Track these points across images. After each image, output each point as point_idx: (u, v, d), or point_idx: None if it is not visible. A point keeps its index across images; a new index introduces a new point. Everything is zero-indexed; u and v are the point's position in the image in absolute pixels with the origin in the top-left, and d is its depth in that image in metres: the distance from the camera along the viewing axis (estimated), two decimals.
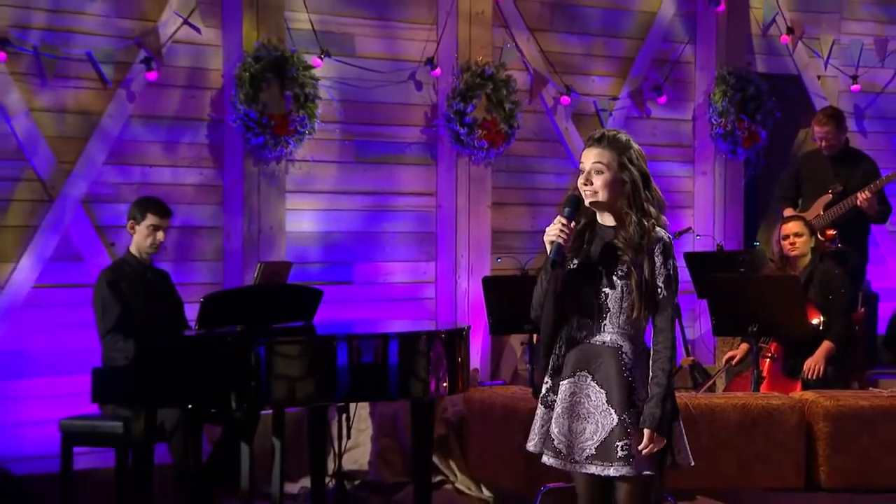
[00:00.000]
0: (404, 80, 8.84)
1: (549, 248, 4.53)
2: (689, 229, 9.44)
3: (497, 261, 9.00)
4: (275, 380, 6.00)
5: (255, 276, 7.72)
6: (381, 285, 8.82)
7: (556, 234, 4.50)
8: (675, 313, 5.08)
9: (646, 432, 4.51)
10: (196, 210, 8.14)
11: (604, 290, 4.57)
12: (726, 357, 8.14)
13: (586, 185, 4.58)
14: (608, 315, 4.58)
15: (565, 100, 9.36)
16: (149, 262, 7.10)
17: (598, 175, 4.56)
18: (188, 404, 6.26)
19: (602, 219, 4.65)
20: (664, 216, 4.65)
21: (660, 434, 4.52)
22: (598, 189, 4.56)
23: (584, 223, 4.64)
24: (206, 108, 8.22)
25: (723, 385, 8.23)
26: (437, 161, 8.98)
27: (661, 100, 9.75)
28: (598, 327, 4.60)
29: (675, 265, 4.59)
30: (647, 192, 4.58)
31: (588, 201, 4.60)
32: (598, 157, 4.57)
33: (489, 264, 9.02)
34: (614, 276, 4.56)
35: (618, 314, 4.57)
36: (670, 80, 9.79)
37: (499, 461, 7.24)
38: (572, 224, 4.54)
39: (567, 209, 4.55)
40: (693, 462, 4.70)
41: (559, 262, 4.51)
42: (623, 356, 4.57)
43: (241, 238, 8.20)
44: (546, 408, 4.69)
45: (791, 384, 7.73)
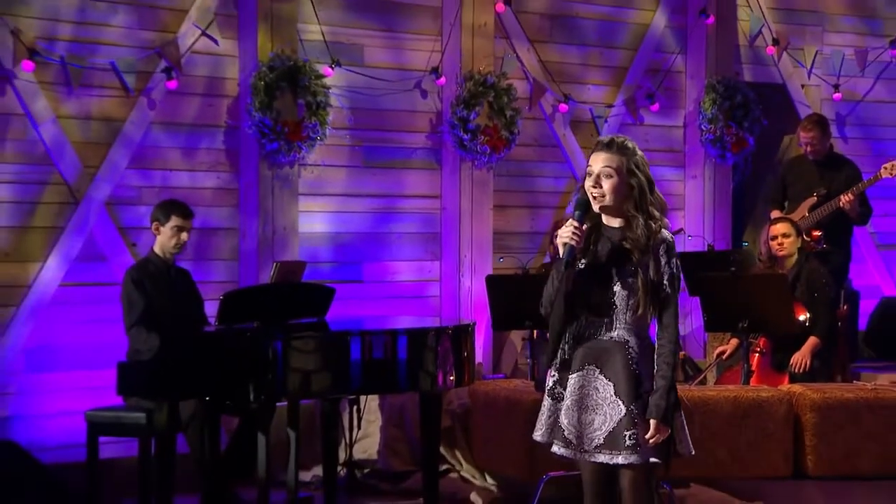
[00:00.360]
0: (410, 88, 8.84)
1: (561, 250, 4.54)
2: (681, 230, 9.45)
3: (499, 260, 9.00)
4: (291, 373, 6.01)
5: (272, 274, 7.72)
6: (388, 283, 8.82)
7: (568, 236, 4.51)
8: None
9: (652, 423, 4.53)
10: (213, 212, 8.14)
11: (612, 288, 4.58)
12: (717, 352, 8.15)
13: (595, 187, 4.59)
14: (616, 312, 4.59)
15: (563, 107, 9.36)
16: (172, 261, 7.10)
17: (608, 179, 4.57)
18: (209, 396, 6.28)
19: (607, 220, 4.65)
20: (665, 218, 4.66)
21: (665, 424, 4.55)
22: (606, 192, 4.58)
23: (589, 225, 4.65)
24: (223, 116, 8.22)
25: (714, 378, 8.23)
26: (441, 165, 8.98)
27: (654, 107, 9.76)
28: (606, 324, 4.61)
29: (678, 264, 4.61)
30: (652, 196, 4.60)
31: (597, 206, 4.60)
32: (608, 161, 4.58)
33: (491, 263, 9.02)
34: (622, 276, 4.57)
35: (625, 311, 4.59)
36: (662, 89, 9.80)
37: (502, 451, 7.23)
38: (584, 227, 4.55)
39: (577, 212, 4.56)
40: (693, 451, 4.72)
41: (572, 262, 4.52)
42: (629, 350, 4.59)
43: (256, 238, 8.19)
44: (553, 400, 4.69)
45: (779, 377, 7.75)
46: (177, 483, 6.49)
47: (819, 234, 8.67)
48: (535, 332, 7.84)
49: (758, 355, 7.76)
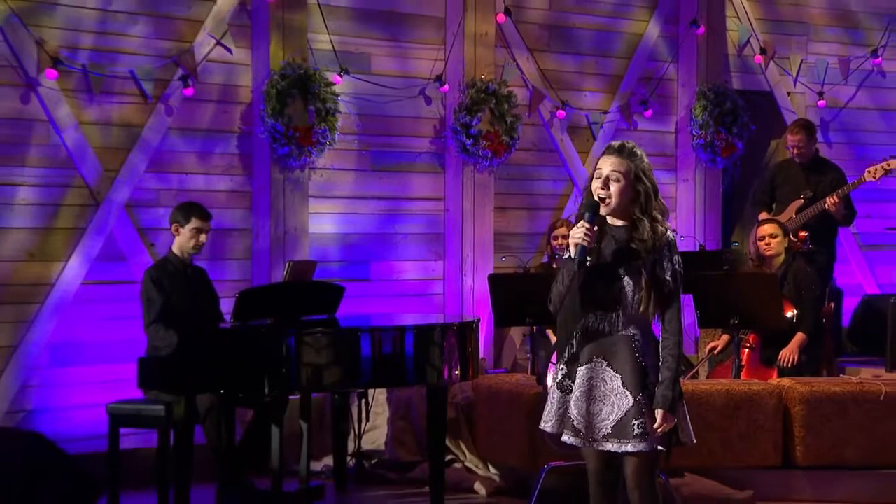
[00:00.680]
0: (415, 95, 8.85)
1: (573, 250, 4.53)
2: (674, 231, 9.43)
3: (501, 259, 9.01)
4: (304, 368, 6.02)
5: (285, 273, 7.73)
6: (394, 282, 8.83)
7: (581, 236, 4.51)
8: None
9: (659, 412, 4.54)
10: (227, 214, 8.14)
11: (619, 285, 4.59)
12: (709, 347, 8.15)
13: (603, 189, 4.60)
14: (623, 308, 4.60)
15: (561, 113, 9.37)
16: (189, 260, 7.10)
17: (616, 183, 4.58)
18: (225, 390, 6.28)
19: (612, 220, 4.66)
20: (667, 221, 4.69)
21: (671, 414, 4.56)
22: (613, 195, 4.59)
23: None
24: (236, 121, 8.23)
25: (706, 373, 8.23)
26: (445, 169, 8.99)
27: (647, 113, 9.77)
28: (613, 319, 4.61)
29: (680, 262, 4.64)
30: (656, 201, 4.64)
31: (604, 210, 4.60)
32: (618, 166, 4.59)
33: (492, 262, 9.02)
34: (629, 274, 4.58)
35: (631, 307, 4.60)
36: (655, 96, 9.82)
37: (505, 442, 7.24)
38: (595, 228, 4.56)
39: (588, 214, 4.56)
40: (695, 439, 4.73)
41: (584, 262, 4.53)
42: (635, 344, 4.60)
43: (268, 239, 8.20)
44: (562, 392, 4.69)
45: (768, 372, 7.75)
46: (194, 472, 6.48)
47: (805, 234, 8.66)
48: (535, 328, 7.84)
49: (748, 350, 7.77)
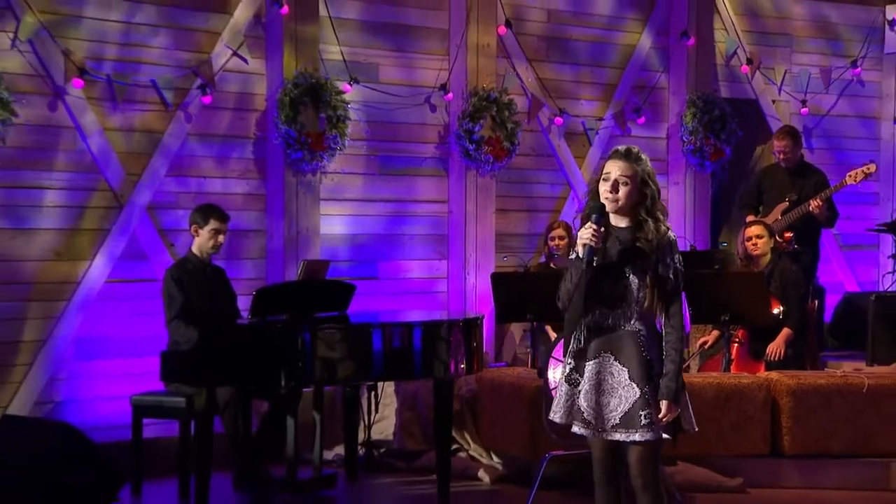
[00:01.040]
0: (421, 103, 8.86)
1: (581, 250, 4.55)
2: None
3: (503, 259, 9.02)
4: (318, 362, 6.00)
5: (299, 272, 7.74)
6: (401, 280, 8.83)
7: (588, 237, 4.53)
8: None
9: (664, 403, 4.57)
10: (243, 215, 8.14)
11: (625, 283, 4.61)
12: (700, 342, 8.17)
13: (611, 192, 4.62)
14: (628, 304, 4.62)
15: (558, 120, 9.38)
16: (208, 260, 7.12)
17: (624, 186, 4.61)
18: (243, 383, 6.28)
19: (615, 221, 4.68)
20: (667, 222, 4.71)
21: (675, 404, 4.59)
22: (620, 198, 4.61)
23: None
24: (252, 128, 8.23)
25: (697, 366, 8.24)
26: (448, 173, 8.99)
27: (640, 120, 9.77)
28: (619, 315, 4.63)
29: (681, 260, 4.66)
30: (659, 203, 4.66)
31: (611, 209, 4.63)
32: (626, 170, 4.61)
33: (494, 262, 9.03)
34: (633, 271, 4.60)
35: (636, 303, 4.61)
36: (648, 104, 9.82)
37: (507, 432, 7.25)
38: (601, 229, 4.58)
39: (595, 216, 4.57)
40: (696, 428, 4.75)
41: (592, 261, 4.54)
42: (640, 339, 4.61)
43: (282, 239, 8.20)
44: (570, 385, 4.71)
45: (756, 365, 7.77)
46: (213, 461, 6.48)
47: (790, 235, 8.68)
48: (535, 324, 7.85)
49: (737, 345, 7.79)
